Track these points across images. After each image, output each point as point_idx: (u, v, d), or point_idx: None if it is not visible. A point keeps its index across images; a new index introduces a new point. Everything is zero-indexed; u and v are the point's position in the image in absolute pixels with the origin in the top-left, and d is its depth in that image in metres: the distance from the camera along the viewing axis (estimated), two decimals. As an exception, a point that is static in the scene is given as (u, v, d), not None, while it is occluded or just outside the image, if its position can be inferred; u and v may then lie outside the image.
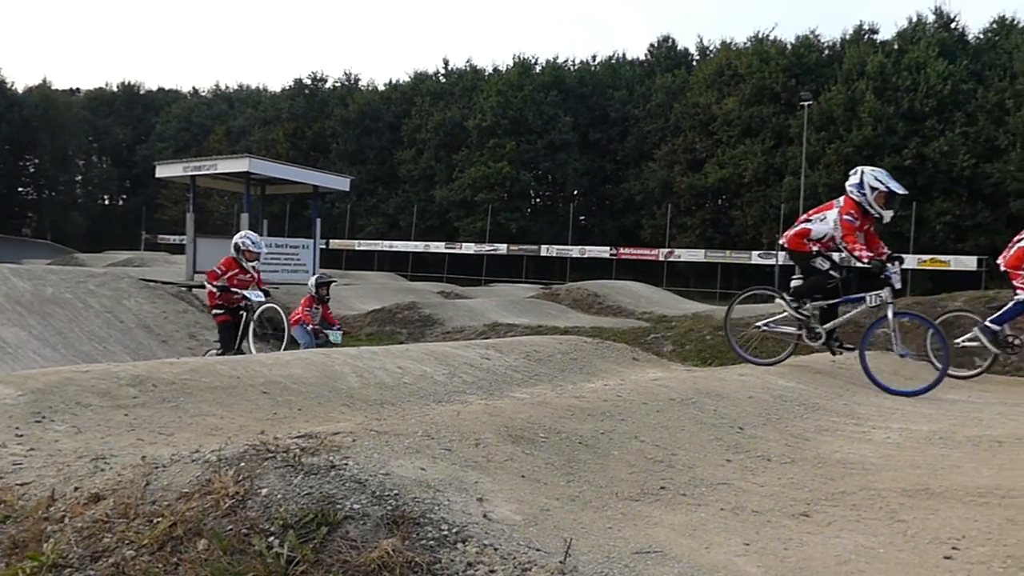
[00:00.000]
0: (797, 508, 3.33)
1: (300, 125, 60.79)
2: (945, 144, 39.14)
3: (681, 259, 44.88)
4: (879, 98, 40.62)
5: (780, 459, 4.23)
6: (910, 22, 46.06)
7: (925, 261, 38.33)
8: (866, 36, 47.15)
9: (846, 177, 7.62)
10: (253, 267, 10.50)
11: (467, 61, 64.47)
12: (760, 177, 44.08)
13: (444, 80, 60.92)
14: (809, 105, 39.90)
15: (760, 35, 49.40)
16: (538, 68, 56.32)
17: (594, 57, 59.59)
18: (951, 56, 42.10)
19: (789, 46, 47.39)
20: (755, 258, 42.70)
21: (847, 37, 47.91)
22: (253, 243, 10.44)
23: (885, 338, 7.56)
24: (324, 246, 39.34)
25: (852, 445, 4.68)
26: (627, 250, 46.76)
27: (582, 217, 54.73)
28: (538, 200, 57.08)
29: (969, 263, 37.14)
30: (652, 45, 57.78)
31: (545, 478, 3.35)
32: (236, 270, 10.33)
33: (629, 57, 58.34)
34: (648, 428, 4.39)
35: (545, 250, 49.81)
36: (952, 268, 37.19)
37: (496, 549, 2.47)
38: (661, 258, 44.96)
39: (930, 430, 5.16)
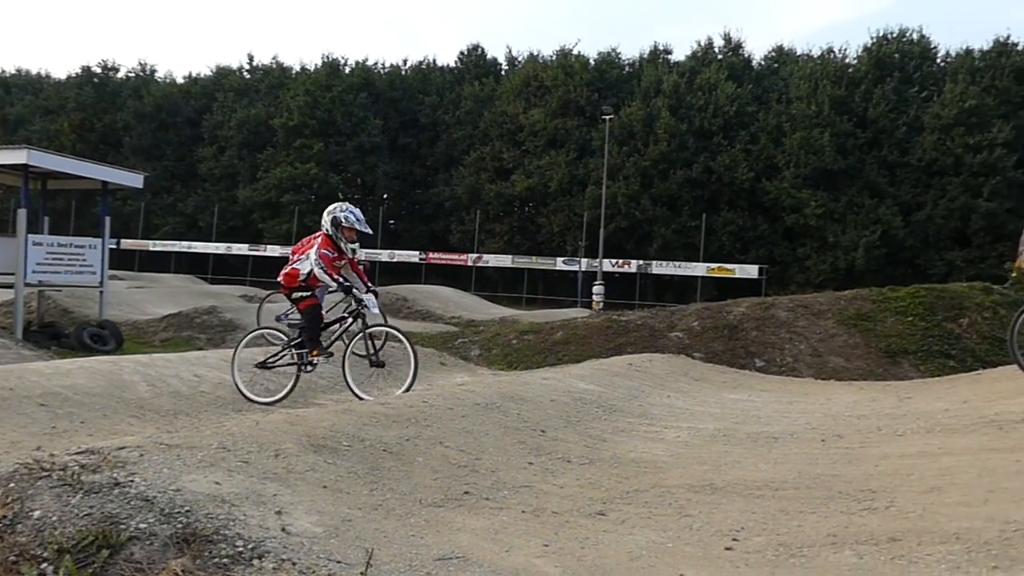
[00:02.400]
0: (594, 507, 3.46)
1: (88, 116, 56.56)
2: (728, 159, 42.16)
3: (489, 264, 45.62)
4: (673, 115, 43.08)
5: (579, 460, 4.38)
6: (699, 45, 49.30)
7: (713, 269, 41.01)
8: (661, 57, 49.93)
9: (643, 188, 7.99)
10: (353, 250, 8.25)
11: (273, 58, 62.34)
12: (564, 187, 45.57)
13: (248, 76, 58.65)
14: (610, 119, 41.72)
15: (565, 49, 51.15)
16: (347, 69, 55.45)
17: (405, 61, 59.49)
18: (739, 79, 45.35)
19: (592, 61, 49.34)
20: (560, 264, 44.15)
21: (645, 56, 50.51)
22: (357, 219, 8.08)
23: None
24: (115, 246, 36.86)
25: (646, 444, 4.93)
26: (436, 255, 46.97)
27: (391, 221, 54.40)
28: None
29: (752, 271, 40.07)
30: (462, 53, 58.33)
31: (348, 487, 3.29)
32: (333, 252, 7.99)
33: (440, 63, 58.62)
34: (453, 433, 4.41)
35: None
36: (737, 276, 39.99)
37: (295, 564, 2.40)
38: (470, 263, 45.49)
39: (715, 428, 5.52)
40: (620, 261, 41.85)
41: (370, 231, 8.56)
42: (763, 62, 49.61)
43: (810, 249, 41.16)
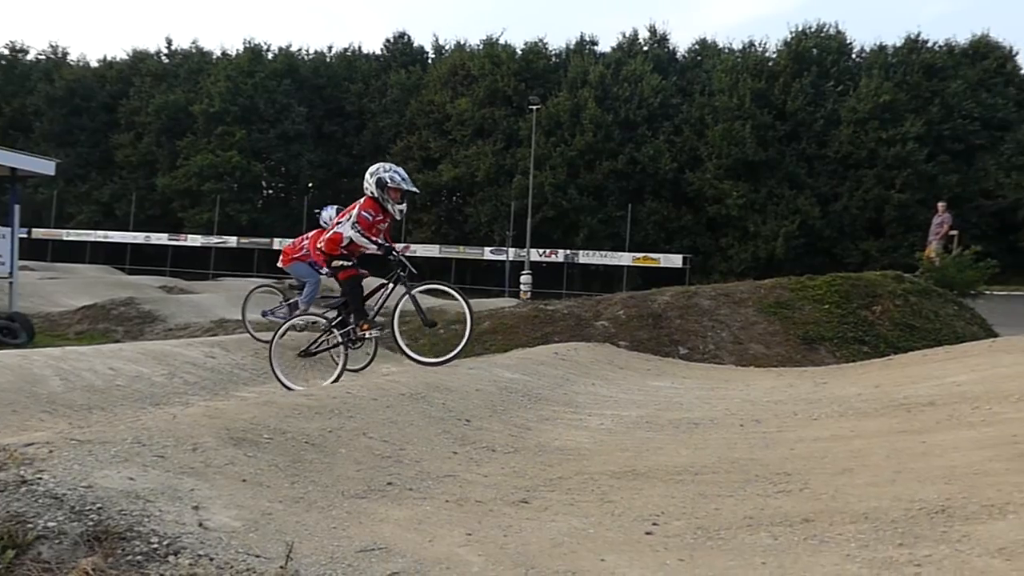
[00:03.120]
0: (518, 495, 3.48)
1: (-5, 100, 54.31)
2: (652, 150, 42.76)
3: (417, 254, 45.39)
4: (600, 106, 43.44)
5: (504, 449, 4.40)
6: (625, 36, 49.82)
7: (639, 258, 41.57)
8: (588, 47, 50.24)
9: (570, 178, 7.94)
10: (401, 211, 7.46)
11: (193, 42, 60.44)
12: (492, 177, 45.58)
13: (167, 60, 56.93)
14: (538, 109, 41.83)
15: (492, 39, 51.01)
16: (271, 55, 54.35)
17: (330, 48, 58.45)
18: (664, 71, 45.98)
19: (519, 51, 49.36)
20: (487, 254, 44.19)
21: (571, 47, 50.75)
22: (403, 178, 7.37)
23: None
24: (25, 235, 35.43)
25: (570, 432, 4.97)
26: (363, 245, 46.50)
27: (316, 210, 53.49)
28: (270, 192, 55.01)
29: (676, 261, 40.73)
30: (388, 40, 57.63)
31: (268, 481, 3.24)
32: (375, 215, 7.29)
33: (365, 51, 57.85)
34: (377, 424, 4.38)
35: (278, 243, 48.17)
36: (662, 265, 40.61)
37: (212, 559, 2.36)
38: (397, 253, 45.16)
39: (638, 415, 5.60)
40: (547, 251, 42.09)
41: (417, 190, 8.06)
42: (687, 55, 50.37)
43: (732, 239, 42.06)
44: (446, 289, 7.43)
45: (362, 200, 7.31)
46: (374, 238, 7.19)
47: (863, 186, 40.21)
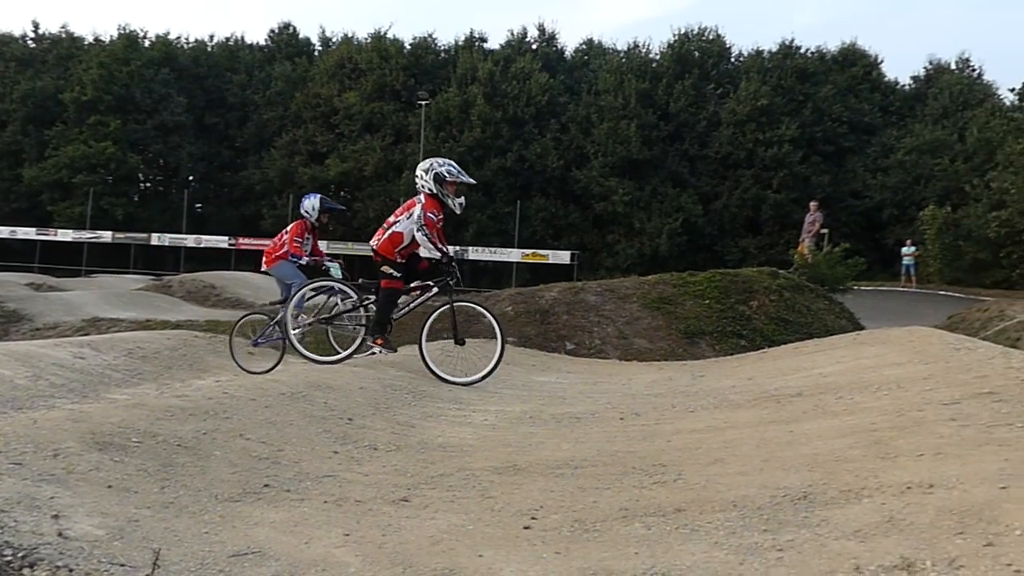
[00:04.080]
0: (398, 494, 3.46)
1: None
2: (540, 148, 43.27)
3: (303, 250, 44.56)
4: (488, 103, 43.65)
5: (386, 447, 4.36)
6: (514, 34, 50.19)
7: (527, 255, 41.99)
8: (477, 44, 50.37)
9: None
10: (461, 204, 7.18)
11: (62, 27, 57.49)
12: (381, 171, 45.16)
13: (34, 45, 53.98)
14: (427, 104, 41.68)
15: (380, 32, 50.49)
16: (147, 43, 52.27)
17: (211, 37, 56.63)
18: (552, 70, 46.56)
19: (408, 46, 49.03)
20: (376, 250, 43.81)
21: (460, 43, 50.74)
22: (459, 171, 7.10)
23: None
24: None
25: (454, 429, 4.98)
26: (247, 240, 45.13)
27: (198, 205, 51.84)
28: (148, 185, 52.94)
29: (564, 257, 41.34)
30: (272, 31, 56.32)
31: (136, 486, 3.12)
32: (438, 213, 6.95)
33: (249, 40, 56.32)
34: (255, 425, 4.28)
35: (156, 239, 46.47)
36: (551, 261, 41.14)
37: (71, 570, 2.25)
38: (283, 249, 44.19)
39: (522, 410, 5.66)
40: (436, 247, 41.95)
41: (474, 181, 7.74)
42: (575, 54, 51.17)
43: (618, 235, 43.02)
44: (482, 311, 7.19)
45: (422, 199, 6.87)
46: (438, 243, 6.82)
47: (742, 185, 41.78)
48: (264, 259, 9.13)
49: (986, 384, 4.45)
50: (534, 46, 49.63)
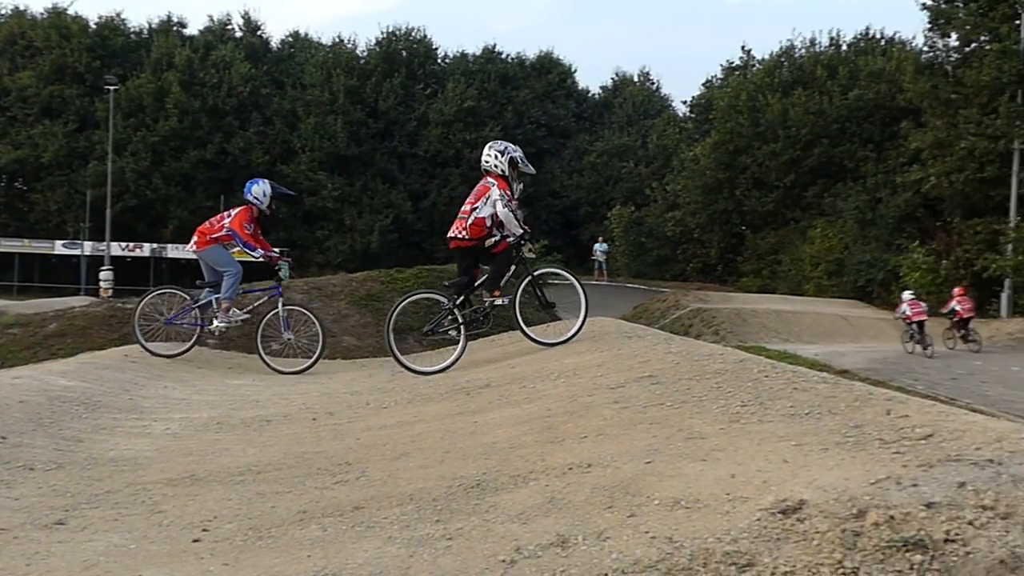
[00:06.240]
0: (53, 517, 3.15)
1: None
2: (243, 141, 41.62)
3: (-33, 247, 39.41)
4: (186, 91, 41.15)
5: (46, 466, 3.96)
6: (215, 21, 47.69)
7: (235, 252, 40.17)
8: (175, 28, 47.21)
9: (155, 165, 7.32)
10: (520, 190, 7.43)
11: None
12: (63, 160, 40.96)
13: None
14: (116, 90, 38.42)
15: (58, 8, 45.61)
16: None
17: None
18: (256, 60, 44.78)
19: (93, 25, 44.85)
20: (59, 247, 39.78)
21: (155, 26, 47.29)
22: (526, 160, 7.29)
23: None
24: None
25: (129, 441, 4.63)
26: None
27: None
28: None
29: (273, 252, 40.01)
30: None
31: None
32: (509, 194, 7.08)
33: None
34: None
35: None
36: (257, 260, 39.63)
37: None
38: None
39: (209, 416, 5.39)
40: (131, 244, 39.06)
41: (535, 171, 7.83)
42: (280, 46, 49.63)
43: (329, 231, 42.45)
44: (562, 273, 7.70)
45: (494, 181, 7.07)
46: (520, 221, 7.11)
47: (450, 184, 42.91)
48: (195, 239, 8.42)
49: (647, 368, 4.91)
50: (238, 34, 47.51)
